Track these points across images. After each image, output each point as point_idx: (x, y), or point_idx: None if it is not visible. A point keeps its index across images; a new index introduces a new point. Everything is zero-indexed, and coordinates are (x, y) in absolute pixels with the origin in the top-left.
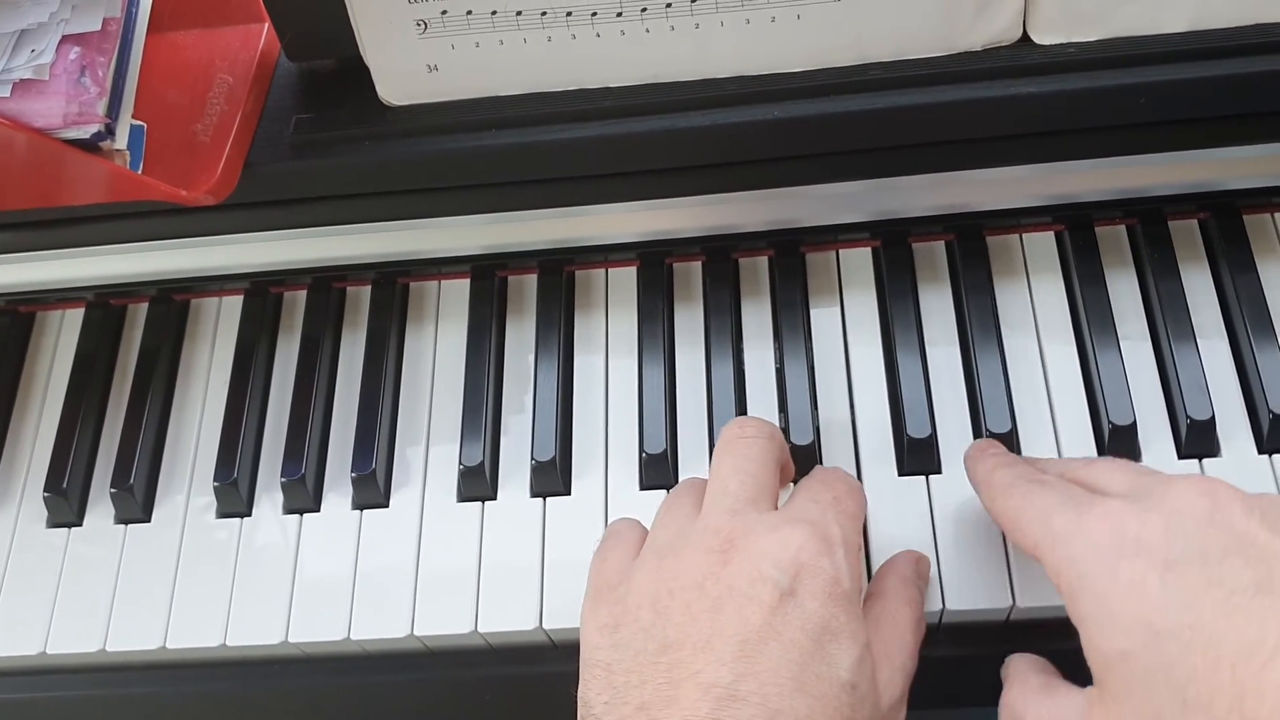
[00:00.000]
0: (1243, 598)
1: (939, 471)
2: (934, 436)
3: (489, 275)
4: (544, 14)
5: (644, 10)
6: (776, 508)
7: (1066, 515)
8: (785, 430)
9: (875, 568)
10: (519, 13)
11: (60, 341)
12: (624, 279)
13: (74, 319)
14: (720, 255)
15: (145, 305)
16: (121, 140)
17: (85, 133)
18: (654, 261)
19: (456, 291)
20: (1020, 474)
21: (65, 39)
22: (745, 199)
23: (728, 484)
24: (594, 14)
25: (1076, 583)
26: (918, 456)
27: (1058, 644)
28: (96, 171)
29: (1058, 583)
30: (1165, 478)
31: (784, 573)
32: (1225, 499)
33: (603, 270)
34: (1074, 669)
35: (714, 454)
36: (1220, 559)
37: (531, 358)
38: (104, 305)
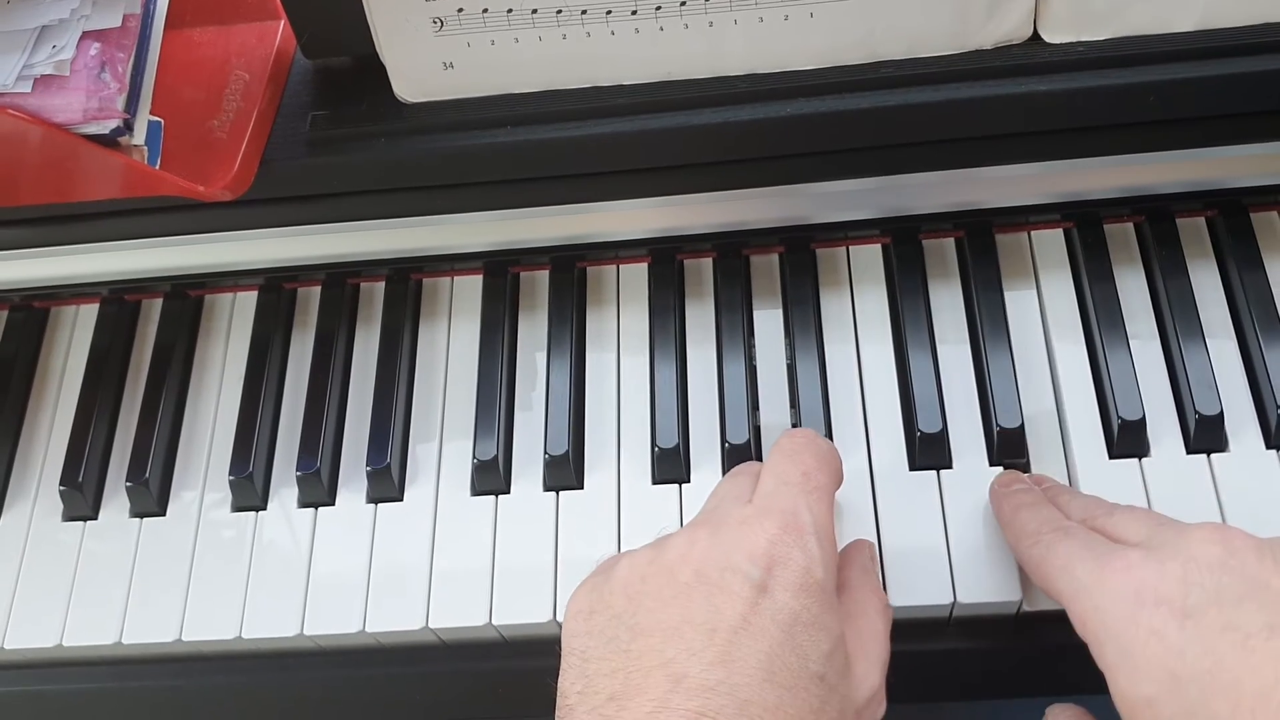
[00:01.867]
0: (1258, 640)
1: (950, 466)
2: (945, 432)
3: (501, 271)
4: (559, 12)
5: (658, 8)
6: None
7: (1088, 566)
8: (797, 425)
9: (886, 556)
10: (534, 11)
11: (75, 336)
12: (636, 275)
13: (88, 314)
14: (731, 251)
15: (159, 301)
16: (139, 136)
17: (105, 128)
18: (665, 258)
19: (469, 287)
20: (1045, 520)
21: (85, 35)
22: (757, 195)
23: (717, 491)
24: (609, 12)
25: (1101, 632)
26: (929, 451)
27: (1067, 638)
28: (115, 167)
29: (1082, 632)
30: (1182, 527)
31: (756, 565)
32: (1239, 546)
33: (614, 266)
34: (1089, 666)
35: None
36: (1235, 604)
37: (544, 353)
38: (118, 300)
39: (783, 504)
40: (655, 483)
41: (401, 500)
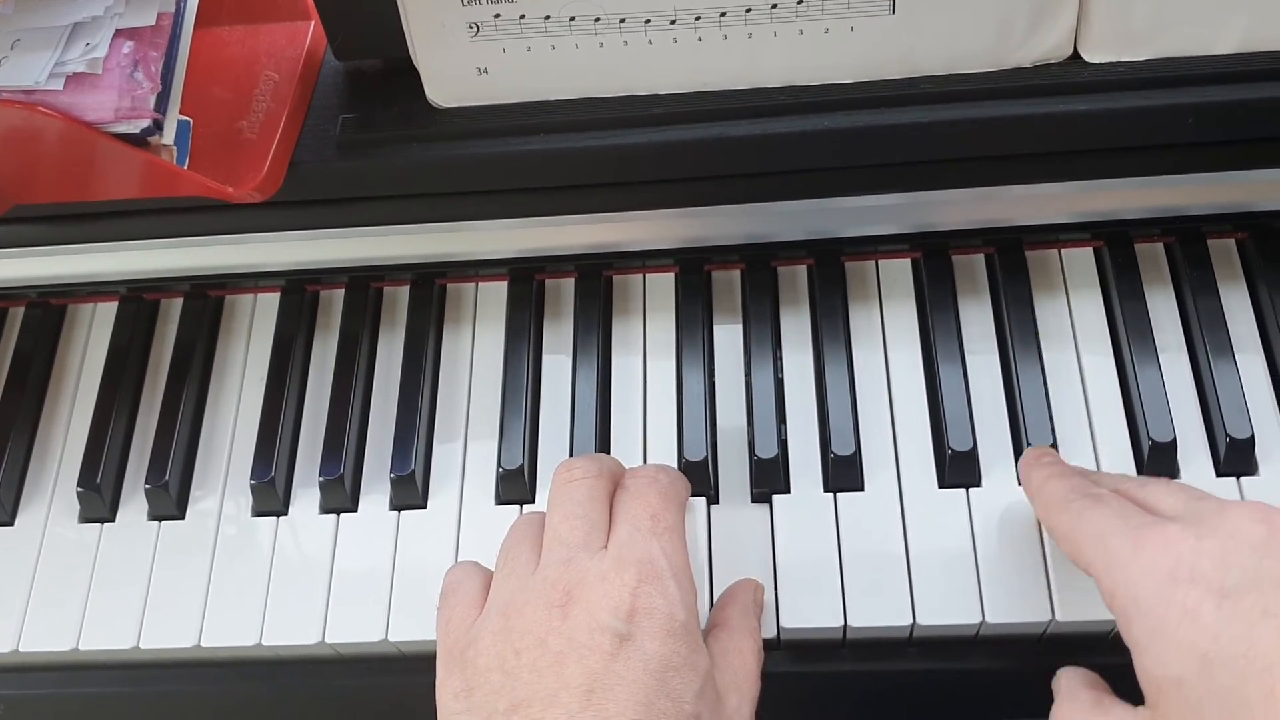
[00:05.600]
0: None
1: (979, 484)
2: (975, 449)
3: (527, 278)
4: (597, 20)
5: (698, 19)
6: (608, 544)
7: (1122, 539)
8: (825, 441)
9: (915, 575)
10: (572, 18)
11: (92, 335)
12: (662, 284)
13: (106, 313)
14: (760, 263)
15: (179, 300)
16: (169, 135)
17: (135, 128)
18: (693, 268)
19: (494, 294)
20: (1075, 487)
21: (119, 33)
22: (788, 208)
23: (559, 531)
24: (647, 21)
25: (1131, 607)
26: (959, 469)
27: (1094, 658)
28: (144, 167)
29: (1111, 605)
30: (1221, 503)
31: (620, 619)
32: None
33: (640, 275)
34: (1113, 683)
35: (548, 498)
36: (1275, 588)
37: (569, 361)
38: (137, 300)
39: (638, 552)
40: None
41: (425, 508)
